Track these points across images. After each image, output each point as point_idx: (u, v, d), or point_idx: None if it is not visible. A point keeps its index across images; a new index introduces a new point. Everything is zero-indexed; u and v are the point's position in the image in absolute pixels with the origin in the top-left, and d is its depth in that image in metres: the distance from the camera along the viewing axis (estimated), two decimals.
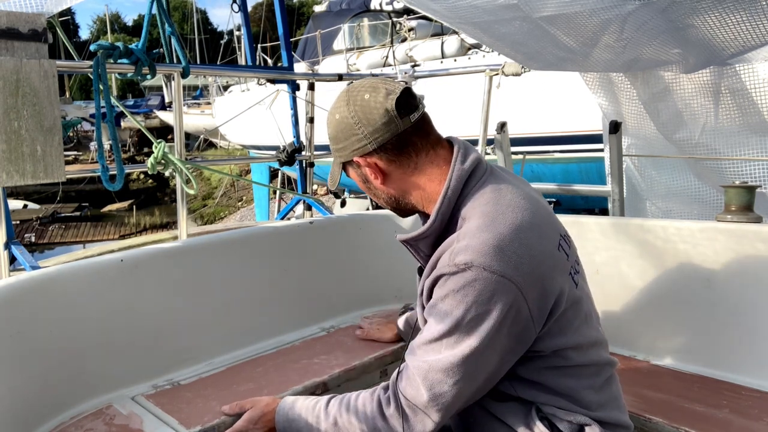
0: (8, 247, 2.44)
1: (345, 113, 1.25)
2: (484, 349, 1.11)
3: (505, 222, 1.14)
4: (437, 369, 1.12)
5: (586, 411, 1.20)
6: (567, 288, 1.18)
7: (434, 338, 1.14)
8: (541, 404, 1.20)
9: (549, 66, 2.66)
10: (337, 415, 1.24)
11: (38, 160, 1.84)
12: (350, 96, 1.25)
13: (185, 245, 1.98)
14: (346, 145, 1.26)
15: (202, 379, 1.72)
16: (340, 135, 1.26)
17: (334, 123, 1.27)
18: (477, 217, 1.16)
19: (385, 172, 1.27)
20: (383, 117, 1.22)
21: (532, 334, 1.15)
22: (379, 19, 11.74)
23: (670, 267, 1.91)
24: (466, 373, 1.12)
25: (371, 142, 1.24)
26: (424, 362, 1.14)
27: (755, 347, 1.72)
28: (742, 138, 2.61)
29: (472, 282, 1.09)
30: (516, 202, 1.18)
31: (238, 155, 17.18)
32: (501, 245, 1.10)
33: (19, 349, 1.48)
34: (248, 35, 4.50)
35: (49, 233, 16.62)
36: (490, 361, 1.13)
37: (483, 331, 1.10)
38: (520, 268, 1.10)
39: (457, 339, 1.11)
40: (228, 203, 19.17)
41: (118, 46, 2.26)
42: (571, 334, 1.20)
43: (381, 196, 1.33)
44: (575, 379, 1.21)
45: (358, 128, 1.23)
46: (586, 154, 6.64)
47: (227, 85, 16.07)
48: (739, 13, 1.80)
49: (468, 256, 1.10)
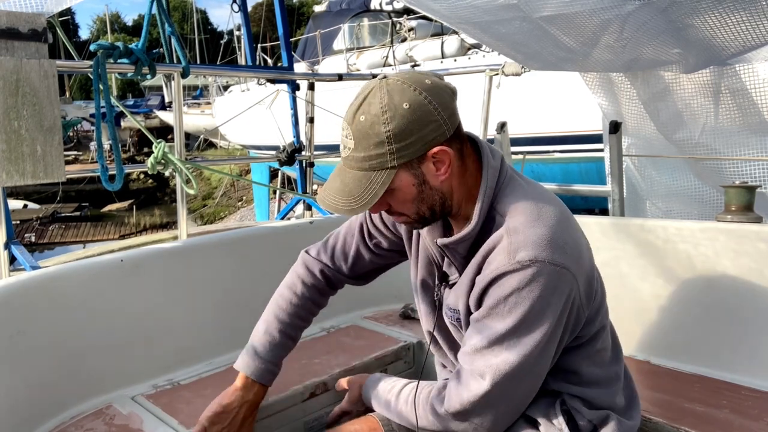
0: (8, 247, 2.44)
1: (419, 99, 1.08)
2: (546, 344, 1.10)
3: (550, 214, 1.13)
4: (502, 371, 1.09)
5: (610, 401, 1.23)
6: (597, 272, 1.23)
7: (496, 339, 1.10)
8: (568, 396, 1.21)
9: (549, 66, 2.66)
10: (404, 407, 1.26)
11: (38, 160, 1.84)
12: (410, 82, 1.10)
13: (185, 245, 1.98)
14: (422, 135, 1.09)
15: (203, 379, 1.72)
16: (414, 126, 1.08)
17: (402, 114, 1.07)
18: (519, 213, 1.13)
19: (453, 163, 1.14)
20: (451, 99, 1.13)
21: (582, 321, 1.17)
22: (379, 19, 11.75)
23: (670, 267, 1.91)
24: (530, 372, 1.11)
25: (450, 127, 1.12)
26: (488, 366, 1.10)
27: (755, 347, 1.72)
28: (742, 138, 2.61)
29: (538, 277, 1.07)
30: (547, 195, 1.19)
31: (238, 155, 17.17)
32: (555, 237, 1.10)
33: (19, 349, 1.48)
34: (248, 35, 4.50)
35: (49, 233, 16.61)
36: (549, 355, 1.13)
37: (546, 326, 1.09)
38: (574, 257, 1.11)
39: (521, 337, 1.09)
40: (228, 203, 19.17)
41: (118, 46, 2.25)
42: (603, 315, 1.24)
43: (429, 200, 1.17)
44: (602, 367, 1.24)
45: (437, 113, 1.09)
46: (586, 154, 6.65)
47: (227, 85, 16.08)
48: (739, 13, 1.80)
49: (529, 251, 1.07)
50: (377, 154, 1.10)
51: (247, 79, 12.04)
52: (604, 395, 1.23)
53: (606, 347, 1.26)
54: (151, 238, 4.97)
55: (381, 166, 1.11)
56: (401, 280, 1.74)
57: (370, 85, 1.13)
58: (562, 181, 5.07)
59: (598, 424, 1.20)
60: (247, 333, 1.96)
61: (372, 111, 1.09)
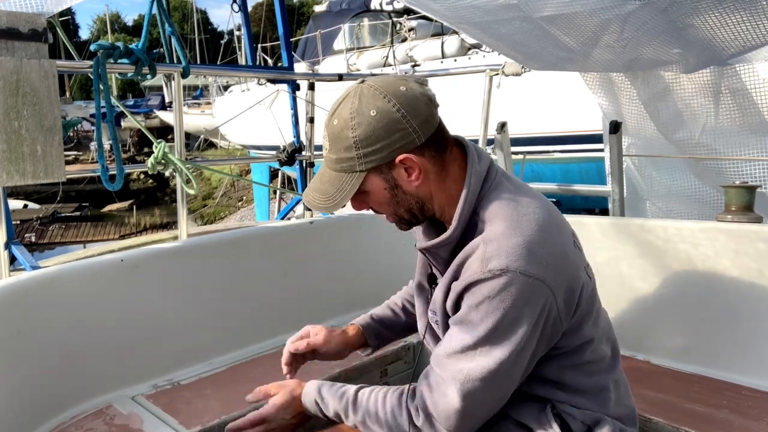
0: (8, 247, 2.43)
1: (386, 107, 1.11)
2: (519, 354, 1.09)
3: (530, 224, 1.12)
4: (473, 378, 1.09)
5: (601, 408, 1.21)
6: (584, 282, 1.18)
7: (469, 345, 1.10)
8: (557, 402, 1.20)
9: (549, 66, 2.66)
10: (366, 416, 1.21)
11: (38, 160, 1.84)
12: (383, 90, 1.12)
13: (185, 245, 1.98)
14: (389, 142, 1.12)
15: (202, 379, 1.72)
16: (381, 132, 1.11)
17: (368, 121, 1.11)
18: (500, 220, 1.13)
19: (425, 170, 1.16)
20: (428, 107, 1.14)
21: (559, 333, 1.15)
22: (379, 19, 11.74)
23: (670, 267, 1.91)
24: (503, 379, 1.10)
25: (419, 136, 1.13)
26: (459, 371, 1.10)
27: (755, 347, 1.72)
28: (742, 138, 2.61)
29: (509, 287, 1.07)
30: (533, 202, 1.17)
31: (238, 155, 17.17)
32: (531, 247, 1.08)
33: (19, 349, 1.48)
34: (248, 35, 4.50)
35: (50, 233, 16.62)
36: (522, 365, 1.12)
37: (519, 336, 1.08)
38: (550, 269, 1.09)
39: (493, 345, 1.09)
40: (228, 203, 19.17)
41: (118, 46, 2.25)
42: (589, 327, 1.20)
43: (405, 204, 1.20)
44: (590, 376, 1.21)
45: (406, 121, 1.11)
46: (586, 154, 6.64)
47: (227, 85, 16.07)
48: (740, 13, 1.80)
49: (502, 261, 1.07)
50: (347, 158, 1.15)
51: (248, 79, 12.04)
52: (592, 405, 1.21)
53: (594, 360, 1.22)
54: (151, 238, 4.97)
55: (351, 169, 1.16)
56: (401, 280, 1.74)
57: (349, 89, 1.17)
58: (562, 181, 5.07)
59: (592, 425, 1.19)
60: (247, 333, 1.97)
61: (343, 115, 1.14)
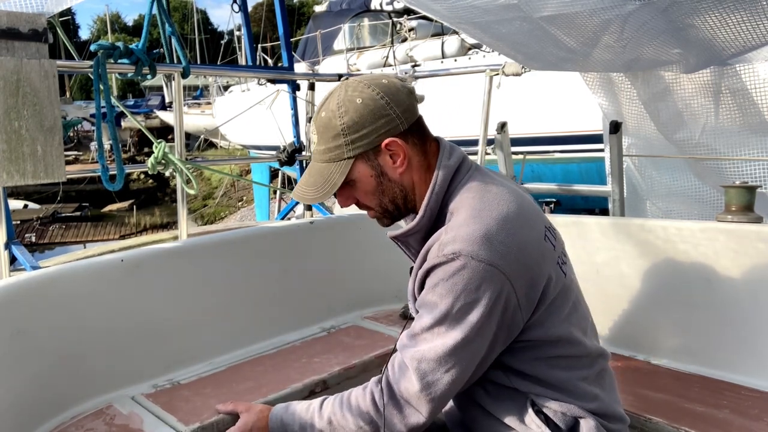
0: (8, 247, 2.44)
1: (371, 95, 1.19)
2: (474, 337, 1.12)
3: (492, 213, 1.15)
4: (429, 358, 1.13)
5: (581, 403, 1.21)
6: (554, 276, 1.20)
7: (425, 328, 1.15)
8: (535, 396, 1.21)
9: (549, 66, 2.66)
10: (331, 414, 1.24)
11: (38, 160, 1.84)
12: (367, 82, 1.21)
13: (185, 245, 1.98)
14: (375, 128, 1.19)
15: (202, 378, 1.72)
16: (366, 119, 1.19)
17: (355, 108, 1.19)
18: (464, 210, 1.17)
19: (409, 156, 1.23)
20: (408, 98, 1.22)
21: (520, 323, 1.17)
22: (379, 19, 11.74)
23: (670, 267, 1.91)
24: (457, 362, 1.13)
25: (403, 122, 1.21)
26: (416, 352, 1.15)
27: (755, 347, 1.72)
28: (742, 138, 2.60)
29: (461, 271, 1.10)
30: (501, 195, 1.20)
31: (239, 155, 17.17)
32: (488, 235, 1.12)
33: (19, 348, 1.48)
34: (248, 35, 4.49)
35: (50, 233, 16.62)
36: (479, 349, 1.15)
37: (472, 320, 1.11)
38: (507, 257, 1.12)
39: (448, 328, 1.12)
40: (228, 203, 19.17)
41: (119, 46, 2.25)
42: (561, 323, 1.21)
43: (390, 192, 1.26)
44: (568, 370, 1.22)
45: (390, 108, 1.19)
46: (586, 154, 6.64)
47: (227, 85, 16.07)
48: (740, 12, 1.80)
49: (456, 246, 1.12)
50: (335, 146, 1.21)
51: (248, 79, 12.04)
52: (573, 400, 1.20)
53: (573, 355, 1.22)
54: (151, 238, 4.97)
55: (339, 157, 1.22)
56: (401, 280, 1.74)
57: (335, 85, 1.25)
58: (563, 181, 5.07)
59: (573, 419, 1.19)
60: (247, 333, 1.97)
61: (330, 107, 1.21)
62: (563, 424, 1.18)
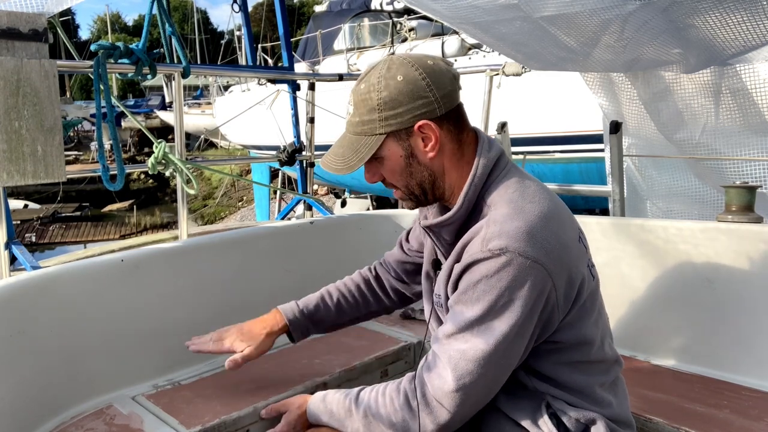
0: (9, 247, 2.44)
1: (413, 74, 1.16)
2: (515, 336, 1.09)
3: (534, 210, 1.14)
4: (468, 358, 1.09)
5: (596, 408, 1.21)
6: (586, 278, 1.19)
7: (465, 325, 1.11)
8: (552, 398, 1.20)
9: (549, 66, 2.66)
10: (367, 408, 1.21)
11: (39, 160, 1.84)
12: (412, 60, 1.18)
13: (186, 245, 1.98)
14: (410, 108, 1.16)
15: (203, 379, 1.72)
16: (404, 97, 1.16)
17: (395, 85, 1.16)
18: (504, 205, 1.15)
19: (442, 142, 1.20)
20: (451, 83, 1.19)
21: (555, 322, 1.15)
22: (379, 19, 11.74)
23: (670, 267, 1.91)
24: (497, 361, 1.10)
25: (440, 107, 1.17)
26: (455, 351, 1.11)
27: (755, 347, 1.72)
28: (742, 138, 2.61)
29: (506, 267, 1.08)
30: (541, 193, 1.19)
31: (239, 155, 17.17)
32: (533, 232, 1.10)
33: (19, 349, 1.48)
34: (249, 35, 4.49)
35: (50, 233, 16.63)
36: (518, 349, 1.12)
37: (514, 317, 1.08)
38: (551, 255, 1.10)
39: (489, 325, 1.09)
40: (228, 203, 19.18)
41: (119, 46, 2.26)
42: (589, 326, 1.20)
43: (418, 176, 1.23)
44: (588, 375, 1.22)
45: (429, 90, 1.16)
46: (586, 154, 6.64)
47: (228, 85, 16.07)
48: (740, 12, 1.80)
49: (502, 241, 1.09)
50: (369, 120, 1.19)
51: (248, 79, 12.05)
52: (589, 404, 1.21)
53: (595, 360, 1.23)
54: (151, 238, 4.97)
55: (371, 131, 1.19)
56: None
57: (379, 59, 1.24)
58: (563, 181, 5.08)
59: (587, 424, 1.19)
60: None
61: (371, 80, 1.19)
62: (575, 430, 1.18)
